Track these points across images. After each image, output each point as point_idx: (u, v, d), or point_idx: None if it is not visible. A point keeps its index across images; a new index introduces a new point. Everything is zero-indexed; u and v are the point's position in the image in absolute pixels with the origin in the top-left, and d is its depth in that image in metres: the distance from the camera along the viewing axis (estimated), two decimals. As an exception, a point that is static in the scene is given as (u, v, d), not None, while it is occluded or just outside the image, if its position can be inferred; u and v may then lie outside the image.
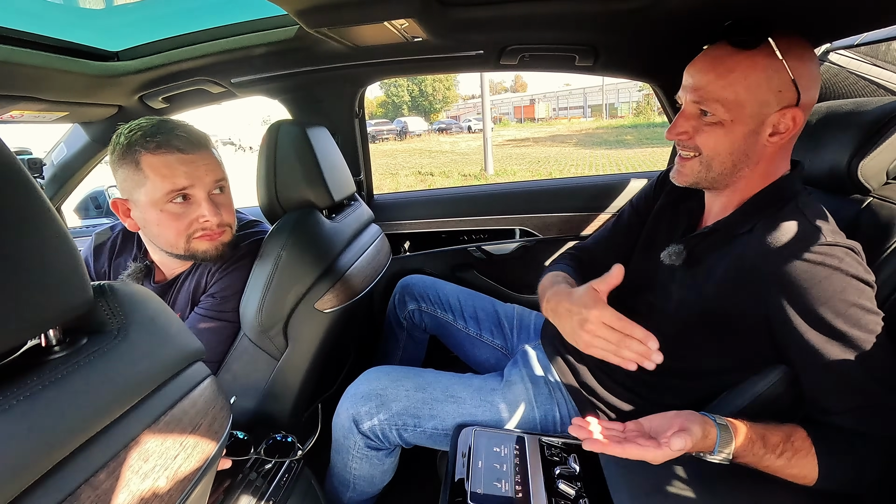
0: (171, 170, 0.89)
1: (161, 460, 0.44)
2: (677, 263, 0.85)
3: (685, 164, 0.83)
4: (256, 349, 0.97)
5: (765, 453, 0.70)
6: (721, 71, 0.74)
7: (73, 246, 0.41)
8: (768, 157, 0.78)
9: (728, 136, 0.76)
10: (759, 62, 0.72)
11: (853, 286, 0.68)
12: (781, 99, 0.73)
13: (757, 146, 0.77)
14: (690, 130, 0.79)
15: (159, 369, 0.47)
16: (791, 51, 0.71)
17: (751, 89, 0.73)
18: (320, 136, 1.12)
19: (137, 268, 1.04)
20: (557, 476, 0.82)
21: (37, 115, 1.20)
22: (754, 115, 0.74)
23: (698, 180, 0.83)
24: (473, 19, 1.03)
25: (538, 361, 1.06)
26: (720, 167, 0.79)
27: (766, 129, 0.75)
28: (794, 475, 0.70)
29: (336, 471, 1.04)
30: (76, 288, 0.40)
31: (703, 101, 0.76)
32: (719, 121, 0.76)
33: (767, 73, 0.72)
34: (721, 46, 0.75)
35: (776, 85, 0.72)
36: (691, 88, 0.78)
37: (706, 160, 0.80)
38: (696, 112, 0.78)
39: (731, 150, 0.77)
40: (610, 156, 13.39)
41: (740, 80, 0.73)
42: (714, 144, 0.78)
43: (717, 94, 0.74)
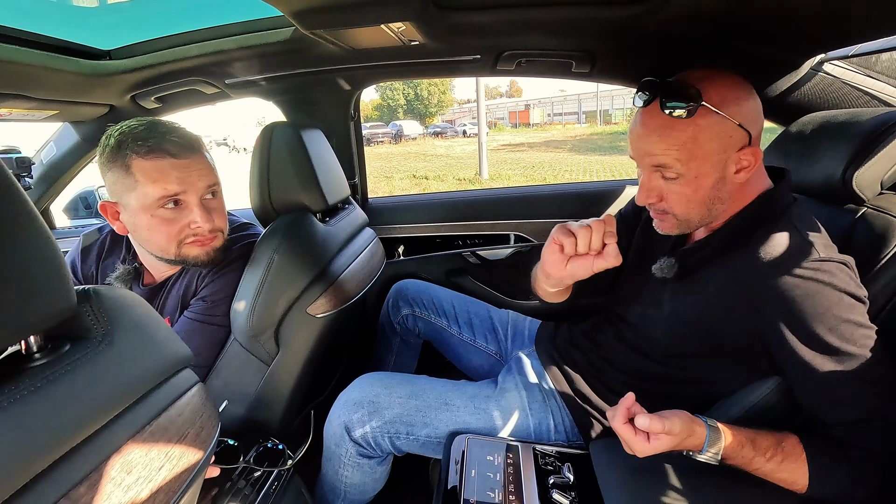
0: (162, 175, 0.87)
1: (145, 472, 0.43)
2: (669, 276, 0.85)
3: (663, 221, 0.84)
4: (247, 354, 0.96)
5: (754, 456, 0.70)
6: (668, 140, 0.75)
7: (56, 249, 0.39)
8: (741, 184, 0.79)
9: (698, 192, 0.77)
10: (702, 123, 0.73)
11: (845, 302, 0.68)
12: (734, 142, 0.74)
13: (726, 187, 0.78)
14: (660, 193, 0.80)
15: (145, 377, 0.46)
16: (726, 99, 0.73)
17: (703, 145, 0.74)
18: (315, 138, 1.11)
19: (126, 270, 1.01)
20: (551, 485, 0.81)
21: (25, 113, 1.17)
22: (716, 163, 0.75)
23: (682, 231, 0.84)
24: (471, 23, 1.02)
25: (532, 368, 1.05)
26: (698, 216, 0.81)
27: (730, 169, 0.76)
28: (784, 479, 0.70)
29: (327, 479, 1.02)
30: (59, 293, 0.39)
31: (661, 166, 0.77)
32: (686, 181, 0.76)
33: (713, 129, 0.73)
34: (656, 113, 0.75)
35: (725, 133, 0.74)
36: (644, 156, 0.78)
37: (683, 217, 0.81)
38: (658, 174, 0.79)
39: (703, 201, 0.78)
40: (604, 162, 13.47)
41: (690, 142, 0.74)
42: (686, 204, 0.79)
43: (674, 158, 0.75)
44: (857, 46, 1.00)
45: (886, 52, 1.06)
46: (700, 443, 0.70)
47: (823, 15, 0.78)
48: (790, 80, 1.07)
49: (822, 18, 0.79)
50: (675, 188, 0.78)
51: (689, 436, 0.69)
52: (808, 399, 0.72)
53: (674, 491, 0.74)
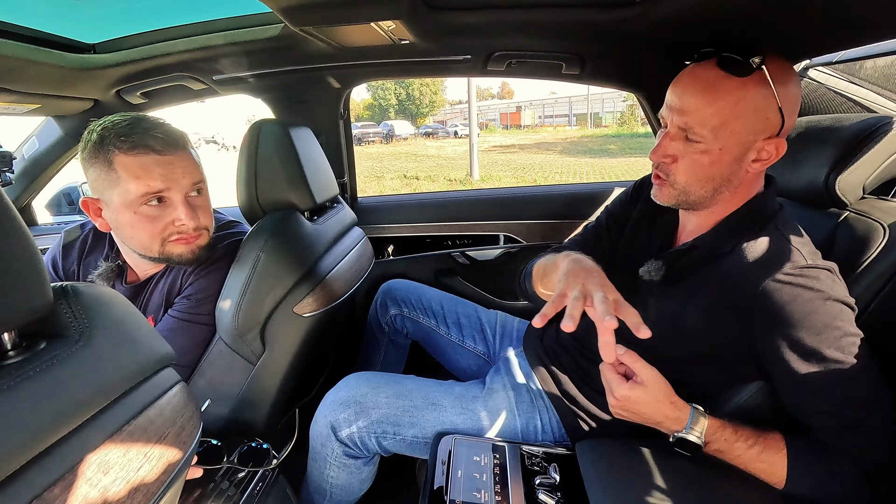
0: (146, 171, 0.85)
1: (123, 472, 0.42)
2: (656, 279, 0.85)
3: (662, 188, 0.81)
4: (232, 353, 0.95)
5: (735, 440, 0.72)
6: (710, 97, 0.70)
7: (32, 245, 0.38)
8: (750, 178, 0.78)
9: (713, 165, 0.74)
10: (751, 89, 0.69)
11: (832, 308, 0.69)
12: (767, 126, 0.71)
13: (740, 172, 0.76)
14: (676, 154, 0.77)
15: (124, 376, 0.45)
16: (779, 77, 0.69)
17: (740, 118, 0.70)
18: (303, 136, 1.10)
19: (108, 268, 1.00)
20: (538, 486, 0.81)
21: (6, 106, 1.15)
22: (742, 142, 0.72)
23: (678, 203, 0.82)
24: (461, 24, 1.02)
25: (520, 369, 1.05)
26: (698, 192, 0.78)
27: (750, 155, 0.74)
28: (763, 470, 0.72)
29: (312, 479, 1.01)
30: (34, 289, 0.38)
31: (690, 126, 0.73)
32: (706, 149, 0.73)
33: (757, 102, 0.70)
34: (709, 67, 0.72)
35: (765, 113, 0.70)
36: (678, 111, 0.74)
37: (682, 187, 0.78)
38: (682, 136, 0.75)
39: (712, 176, 0.76)
40: (594, 164, 13.57)
41: (730, 108, 0.70)
42: (696, 171, 0.76)
43: (706, 121, 0.71)
44: (840, 53, 1.01)
45: (870, 59, 1.08)
46: (683, 417, 0.73)
47: (808, 22, 0.79)
48: (776, 85, 1.09)
49: (806, 25, 0.80)
50: (693, 154, 0.74)
51: (668, 400, 0.72)
52: (794, 404, 0.73)
53: (658, 491, 0.74)
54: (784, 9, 0.75)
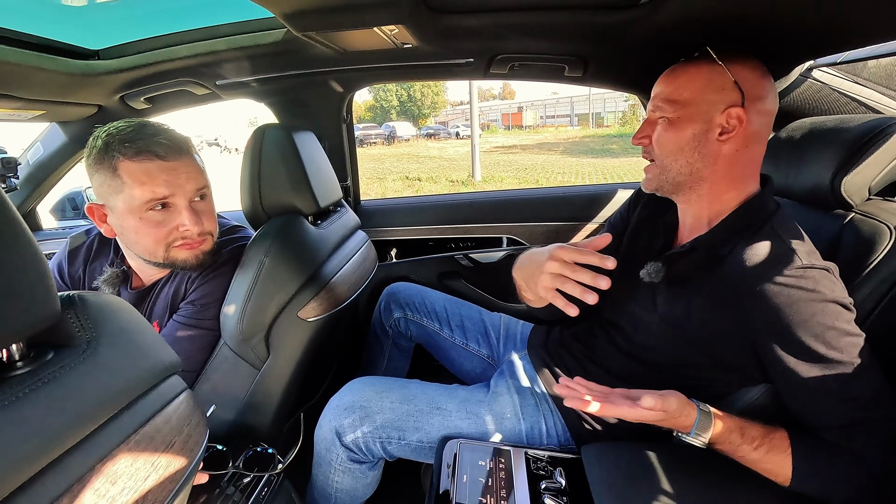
0: (150, 177, 0.86)
1: (130, 482, 0.42)
2: (657, 281, 0.85)
3: (647, 170, 0.89)
4: (237, 358, 0.95)
5: (741, 443, 0.72)
6: (670, 79, 0.83)
7: (39, 255, 0.38)
8: (725, 161, 0.81)
9: (677, 134, 0.82)
10: (703, 68, 0.80)
11: (830, 309, 0.69)
12: (725, 98, 0.78)
13: (708, 145, 0.80)
14: (649, 133, 0.86)
15: (131, 385, 0.45)
16: (733, 58, 0.78)
17: (695, 90, 0.80)
18: (306, 140, 1.10)
19: (114, 273, 1.00)
20: (543, 490, 0.81)
21: (11, 113, 1.16)
22: (701, 113, 0.79)
23: (661, 184, 0.87)
24: (464, 27, 1.02)
25: (524, 372, 1.05)
26: (675, 166, 0.83)
27: (714, 130, 0.79)
28: (769, 470, 0.72)
29: (317, 484, 1.01)
30: (42, 299, 0.38)
31: (657, 106, 0.84)
32: (669, 118, 0.82)
33: (709, 76, 0.79)
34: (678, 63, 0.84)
35: (718, 84, 0.78)
36: (651, 98, 0.86)
37: (660, 161, 0.85)
38: (655, 118, 0.85)
39: (681, 147, 0.82)
40: (596, 164, 13.55)
41: (686, 83, 0.81)
42: (665, 142, 0.83)
43: (668, 97, 0.82)
44: (845, 54, 1.01)
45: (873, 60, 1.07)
46: (690, 423, 0.73)
47: (812, 22, 0.79)
48: (780, 85, 1.08)
49: (811, 26, 0.80)
50: (662, 131, 0.83)
51: (681, 415, 0.72)
52: (797, 406, 0.73)
53: (666, 496, 0.74)
54: (787, 10, 0.74)
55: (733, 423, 0.73)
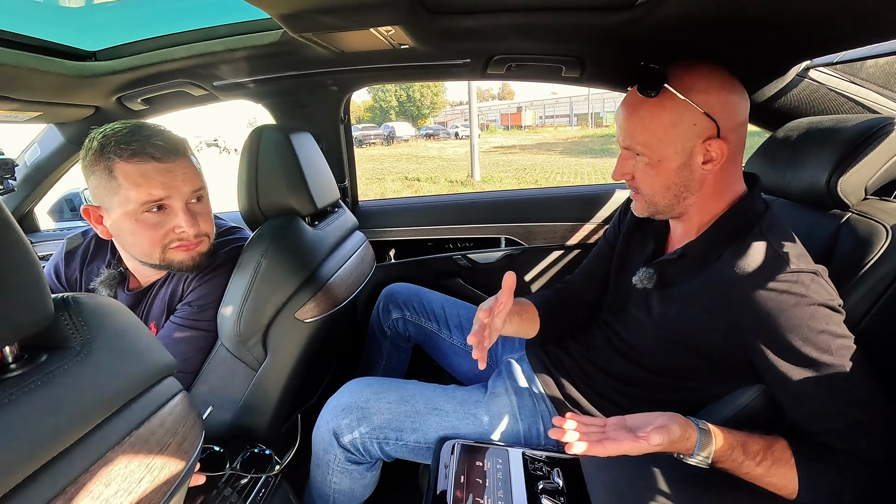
0: (146, 179, 0.86)
1: (125, 484, 0.42)
2: (649, 287, 0.86)
3: (635, 199, 0.88)
4: (234, 360, 0.95)
5: (744, 460, 0.70)
6: (636, 119, 0.79)
7: (32, 257, 0.38)
8: (712, 180, 0.80)
9: (661, 175, 0.80)
10: (667, 104, 0.76)
11: (820, 313, 0.69)
12: (699, 132, 0.76)
13: (694, 175, 0.80)
14: (631, 171, 0.84)
15: (125, 387, 0.45)
16: (694, 87, 0.75)
17: (667, 129, 0.77)
18: (304, 141, 1.10)
19: (111, 275, 1.00)
20: (541, 491, 0.80)
21: (8, 114, 1.15)
22: (679, 150, 0.78)
23: (650, 213, 0.87)
24: (461, 28, 1.02)
25: (522, 373, 1.05)
26: (663, 201, 0.83)
27: (696, 160, 0.78)
28: (775, 484, 0.70)
29: (315, 485, 1.01)
30: (35, 302, 0.38)
31: (631, 145, 0.81)
32: (649, 161, 0.80)
33: (678, 111, 0.76)
34: (633, 93, 0.80)
35: (688, 120, 0.76)
36: (620, 133, 0.83)
37: (648, 197, 0.84)
38: (631, 154, 0.83)
39: (667, 186, 0.81)
40: (595, 164, 13.55)
41: (655, 124, 0.77)
42: (650, 184, 0.82)
43: (640, 139, 0.79)
44: (841, 54, 1.01)
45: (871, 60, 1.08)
46: (691, 445, 0.70)
47: (809, 22, 0.79)
48: (777, 85, 1.08)
49: (808, 25, 0.80)
50: (641, 167, 0.82)
51: (681, 438, 0.69)
52: (792, 410, 0.73)
53: (663, 496, 0.74)
54: (784, 10, 0.74)
55: (734, 440, 0.71)
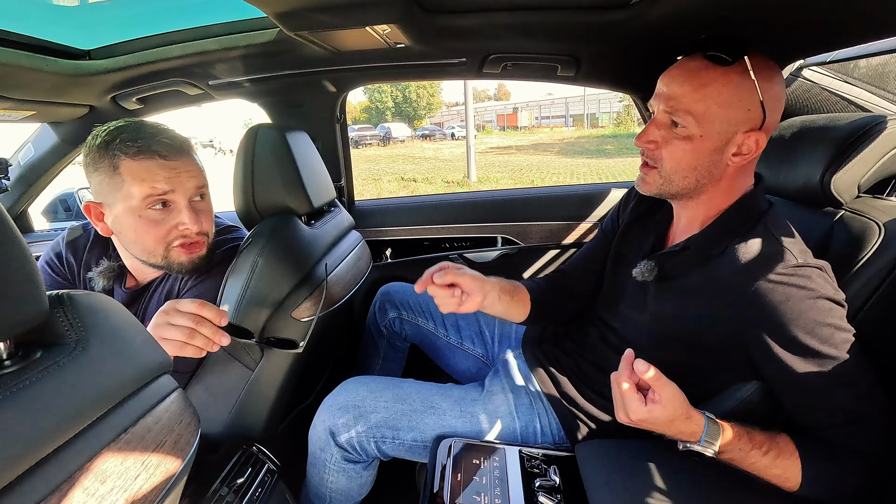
0: (151, 175, 0.86)
1: (120, 481, 0.42)
2: (649, 280, 0.85)
3: (647, 173, 0.83)
4: (230, 359, 0.94)
5: (751, 449, 0.70)
6: (695, 84, 0.74)
7: (27, 254, 0.38)
8: (730, 175, 0.79)
9: (694, 152, 0.76)
10: (733, 79, 0.72)
11: (824, 306, 0.69)
12: (749, 119, 0.74)
13: (720, 164, 0.77)
14: (660, 140, 0.79)
15: (121, 384, 0.45)
16: (762, 72, 0.72)
17: (722, 105, 0.73)
18: (300, 140, 1.10)
19: (109, 266, 1.00)
20: (538, 488, 0.81)
21: (2, 113, 1.15)
22: (723, 131, 0.74)
23: (661, 191, 0.83)
24: (457, 27, 1.02)
25: (519, 371, 1.05)
26: (682, 181, 0.80)
27: (730, 148, 0.76)
28: (778, 476, 0.71)
29: (312, 484, 1.01)
30: (29, 298, 0.38)
31: (676, 111, 0.76)
32: (689, 135, 0.76)
33: (740, 92, 0.72)
34: (696, 59, 0.75)
35: (746, 104, 0.73)
36: (665, 97, 0.77)
37: (667, 174, 0.80)
38: (668, 122, 0.78)
39: (694, 166, 0.78)
40: (591, 165, 13.60)
41: (713, 95, 0.73)
42: (679, 158, 0.78)
43: (690, 107, 0.74)
44: (834, 53, 1.02)
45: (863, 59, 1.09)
46: (698, 430, 0.70)
47: (802, 22, 0.79)
48: (770, 85, 1.09)
49: (801, 25, 0.81)
50: (676, 140, 0.77)
51: (685, 415, 0.69)
52: (792, 403, 0.73)
53: (660, 492, 0.74)
54: (778, 9, 0.75)
55: (741, 430, 0.71)
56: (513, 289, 1.01)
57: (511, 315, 1.02)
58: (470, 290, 0.92)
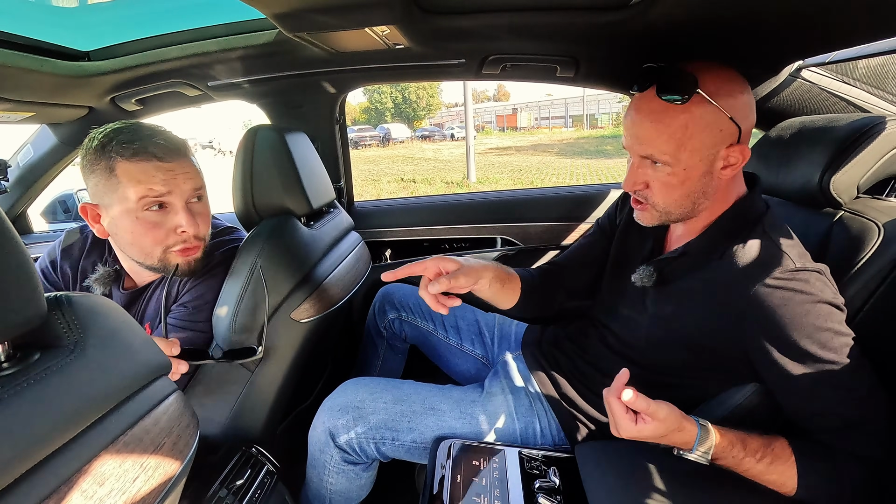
0: (147, 176, 0.86)
1: (119, 483, 0.42)
2: (649, 285, 0.85)
3: (643, 211, 0.83)
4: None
5: (744, 456, 0.71)
6: (660, 126, 0.74)
7: (25, 256, 0.38)
8: (724, 184, 0.80)
9: (683, 184, 0.77)
10: (695, 111, 0.72)
11: (823, 310, 0.69)
12: (724, 136, 0.74)
13: (712, 183, 0.78)
14: (647, 180, 0.79)
15: (119, 386, 0.45)
16: (720, 91, 0.72)
17: (694, 137, 0.73)
18: (299, 141, 1.10)
19: (106, 272, 0.99)
20: (537, 489, 0.81)
21: (1, 114, 1.15)
22: (704, 157, 0.75)
23: (662, 222, 0.84)
24: (456, 28, 1.02)
25: (518, 372, 1.05)
26: (680, 209, 0.81)
27: (717, 165, 0.76)
28: (774, 481, 0.71)
29: (311, 486, 1.01)
30: (27, 300, 0.38)
31: (651, 154, 0.76)
32: (672, 171, 0.76)
33: (706, 120, 0.72)
34: (652, 98, 0.74)
35: (717, 126, 0.73)
36: (636, 141, 0.77)
37: (663, 209, 0.81)
38: (647, 161, 0.78)
39: (687, 194, 0.78)
40: (590, 165, 13.60)
41: (682, 132, 0.73)
42: (669, 194, 0.78)
43: (664, 148, 0.74)
44: (833, 54, 1.02)
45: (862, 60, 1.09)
46: (690, 439, 0.70)
47: (800, 23, 0.79)
48: (769, 85, 1.09)
49: (800, 26, 0.81)
50: (662, 177, 0.77)
51: (677, 429, 0.69)
52: (792, 408, 0.73)
53: (659, 494, 0.74)
54: (777, 10, 0.75)
55: (734, 436, 0.71)
56: (506, 277, 1.00)
57: (498, 302, 1.01)
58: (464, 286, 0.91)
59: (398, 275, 0.82)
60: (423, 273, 0.85)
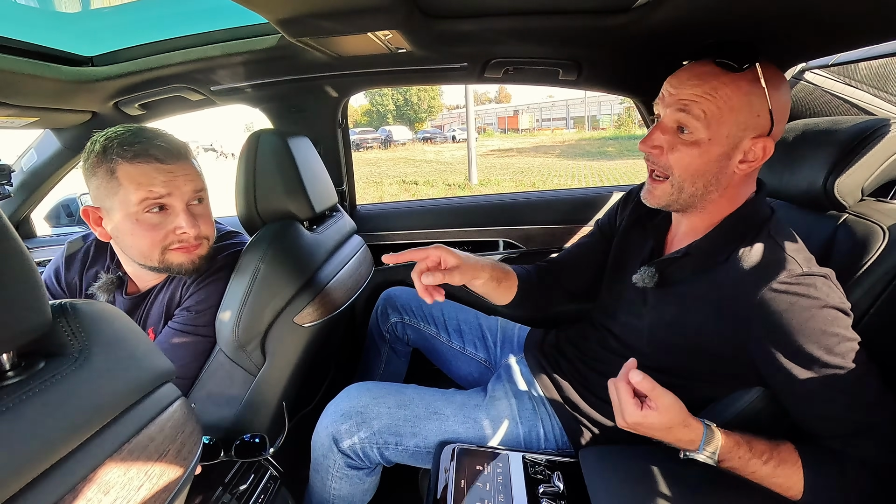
0: (147, 179, 0.86)
1: (123, 492, 0.42)
2: (650, 286, 0.85)
3: (657, 186, 0.82)
4: (233, 365, 0.94)
5: (750, 458, 0.70)
6: (707, 87, 0.72)
7: (30, 264, 0.38)
8: (736, 182, 0.79)
9: (702, 157, 0.75)
10: (743, 86, 0.72)
11: (830, 315, 0.68)
12: (757, 125, 0.73)
13: (727, 171, 0.77)
14: (665, 146, 0.78)
15: (124, 394, 0.45)
16: (772, 80, 0.72)
17: (733, 110, 0.72)
18: (301, 145, 1.10)
19: (108, 279, 0.99)
20: (541, 494, 0.80)
21: (5, 120, 1.15)
22: (731, 136, 0.73)
23: (669, 203, 0.82)
24: (458, 32, 1.03)
25: (522, 376, 1.05)
26: (691, 189, 0.78)
27: (737, 155, 0.75)
28: (780, 485, 0.70)
29: (315, 491, 1.01)
30: (33, 309, 0.38)
31: (685, 112, 0.74)
32: (696, 140, 0.74)
33: (750, 98, 0.72)
34: (705, 64, 0.74)
35: (756, 109, 0.72)
36: (674, 100, 0.75)
37: (677, 182, 0.78)
38: (674, 127, 0.77)
39: (702, 172, 0.76)
40: (592, 167, 13.58)
41: (724, 100, 0.72)
42: (687, 164, 0.76)
43: (697, 109, 0.73)
44: (836, 56, 1.02)
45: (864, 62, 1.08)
46: (696, 437, 0.70)
47: (803, 25, 0.79)
48: (772, 88, 1.09)
49: (803, 28, 0.81)
50: (682, 146, 0.76)
51: (682, 423, 0.69)
52: (798, 413, 0.72)
53: (664, 500, 0.74)
54: (779, 13, 0.75)
55: (739, 437, 0.71)
56: (503, 276, 1.00)
57: (492, 298, 1.02)
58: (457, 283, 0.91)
59: (399, 259, 0.86)
60: (424, 262, 0.88)
